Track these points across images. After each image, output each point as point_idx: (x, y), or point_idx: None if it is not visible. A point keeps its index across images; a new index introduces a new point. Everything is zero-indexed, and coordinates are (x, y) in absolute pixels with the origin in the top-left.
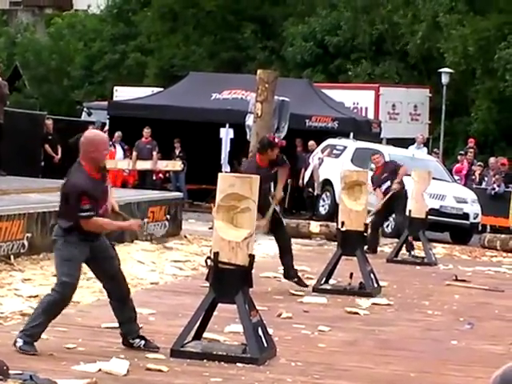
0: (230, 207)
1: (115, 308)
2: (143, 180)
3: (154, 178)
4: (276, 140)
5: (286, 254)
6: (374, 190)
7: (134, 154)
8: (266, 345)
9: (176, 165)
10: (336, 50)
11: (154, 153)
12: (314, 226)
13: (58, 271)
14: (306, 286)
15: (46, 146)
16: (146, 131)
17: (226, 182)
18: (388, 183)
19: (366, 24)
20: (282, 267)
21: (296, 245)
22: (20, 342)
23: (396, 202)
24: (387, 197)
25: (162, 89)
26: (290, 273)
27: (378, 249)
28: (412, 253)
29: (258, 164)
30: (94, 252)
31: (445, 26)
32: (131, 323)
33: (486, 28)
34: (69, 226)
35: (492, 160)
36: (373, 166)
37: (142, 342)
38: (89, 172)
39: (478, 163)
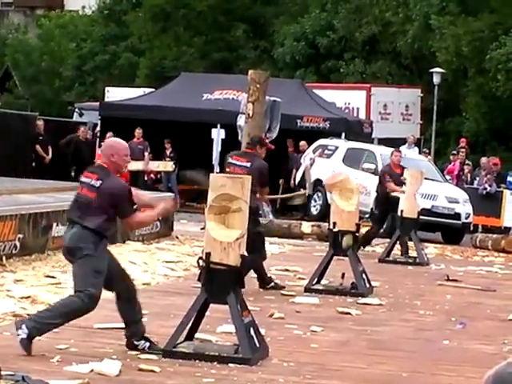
0: (222, 208)
1: (123, 309)
2: (135, 180)
3: (146, 178)
4: (266, 140)
5: (258, 261)
6: (387, 181)
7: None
8: (258, 345)
9: (167, 165)
10: (328, 51)
11: (146, 153)
12: (306, 227)
13: (87, 281)
14: (283, 287)
15: (37, 147)
16: (138, 132)
17: (218, 182)
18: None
19: (359, 23)
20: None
21: (288, 245)
22: (24, 334)
23: (392, 203)
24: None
25: (153, 89)
26: (266, 280)
27: (369, 248)
28: (407, 254)
29: None
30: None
31: (437, 28)
32: (138, 324)
33: (479, 28)
34: (104, 230)
35: (484, 160)
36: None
37: (147, 344)
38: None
39: (467, 162)
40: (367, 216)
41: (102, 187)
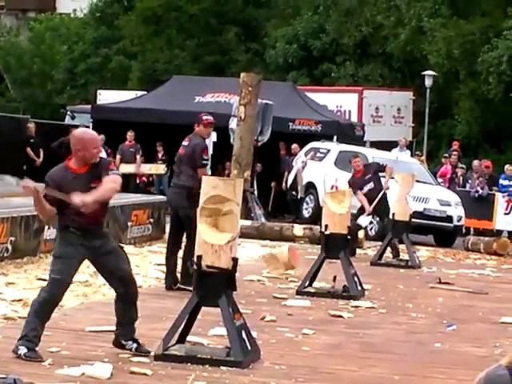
0: (214, 210)
1: (119, 308)
2: (126, 183)
3: (138, 181)
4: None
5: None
6: (355, 193)
7: (118, 157)
8: (249, 348)
9: (159, 168)
10: (320, 53)
11: (138, 156)
12: (298, 229)
13: (50, 269)
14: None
15: (28, 150)
16: (130, 134)
17: (210, 183)
18: (371, 184)
19: (350, 26)
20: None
21: (280, 248)
22: (23, 350)
23: (381, 204)
24: (379, 197)
25: (145, 92)
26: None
27: (361, 251)
28: (398, 258)
29: None
30: (93, 252)
31: (429, 30)
32: (130, 326)
33: (471, 31)
34: (62, 222)
35: (476, 163)
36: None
37: (134, 345)
38: (67, 165)
39: (460, 166)
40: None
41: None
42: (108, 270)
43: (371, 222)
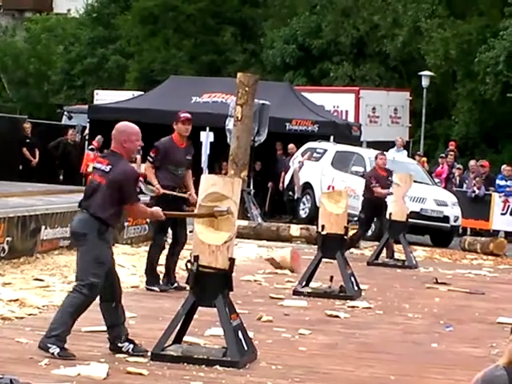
0: (211, 209)
1: (106, 310)
2: None
3: None
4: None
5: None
6: (373, 186)
7: None
8: (246, 348)
9: None
10: (318, 53)
11: (138, 156)
12: (295, 230)
13: (87, 271)
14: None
15: (24, 150)
16: None
17: (209, 181)
18: (391, 189)
19: (347, 26)
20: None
21: (276, 248)
22: (56, 349)
23: (381, 206)
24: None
25: (142, 92)
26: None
27: (358, 251)
28: (393, 258)
29: None
30: None
31: (425, 30)
32: (120, 327)
33: (468, 31)
34: (110, 217)
35: (472, 163)
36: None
37: (131, 345)
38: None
39: (458, 166)
40: (356, 219)
41: (112, 172)
42: None
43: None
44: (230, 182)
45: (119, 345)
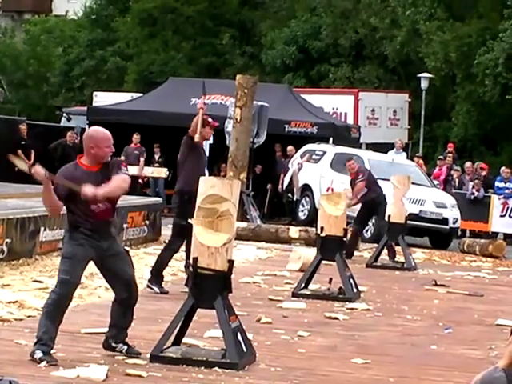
0: (210, 210)
1: (115, 311)
2: (133, 186)
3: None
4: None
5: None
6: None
7: (122, 158)
8: (245, 350)
9: (162, 172)
10: (317, 55)
11: (142, 159)
12: (294, 231)
13: (59, 269)
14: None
15: (19, 152)
16: (136, 137)
17: (207, 183)
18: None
19: (346, 28)
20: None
21: (275, 250)
22: (39, 354)
23: (377, 207)
24: (358, 200)
25: (141, 94)
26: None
27: (357, 253)
28: (394, 259)
29: None
30: (100, 253)
31: (425, 33)
32: (122, 330)
33: (467, 34)
34: (69, 218)
35: (468, 164)
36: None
37: (125, 347)
38: (79, 162)
39: (456, 168)
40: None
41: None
42: (112, 273)
43: (367, 225)
44: (229, 184)
45: (113, 344)
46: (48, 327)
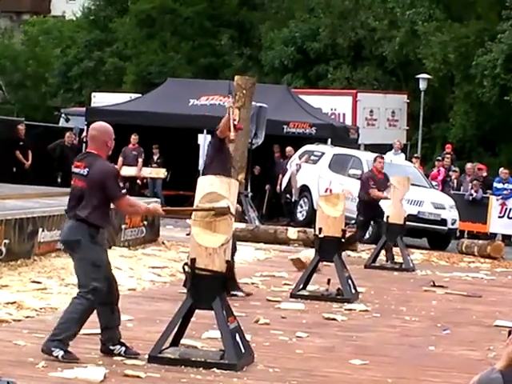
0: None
1: (101, 313)
2: (131, 187)
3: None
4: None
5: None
6: (369, 188)
7: (120, 159)
8: (243, 351)
9: (160, 172)
10: (316, 56)
11: (140, 159)
12: (292, 232)
13: (88, 276)
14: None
15: (17, 152)
16: (134, 138)
17: (206, 181)
18: (389, 190)
19: (344, 29)
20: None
21: (274, 251)
22: (60, 352)
23: (378, 209)
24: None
25: (140, 95)
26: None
27: (355, 254)
28: (393, 260)
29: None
30: None
31: (423, 34)
32: (114, 330)
33: (465, 35)
34: (97, 219)
35: (469, 165)
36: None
37: (123, 348)
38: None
39: (454, 169)
40: (353, 222)
41: (90, 173)
42: None
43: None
44: (227, 183)
45: (111, 347)
46: (73, 331)
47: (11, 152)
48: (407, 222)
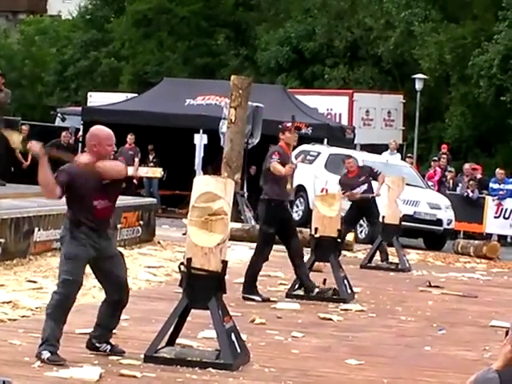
0: (204, 209)
1: (104, 311)
2: (128, 187)
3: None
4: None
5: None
6: (344, 193)
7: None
8: (239, 351)
9: (156, 172)
10: (311, 56)
11: (136, 159)
12: None
13: (60, 269)
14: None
15: (17, 152)
16: (130, 137)
17: (201, 181)
18: (365, 186)
19: (340, 29)
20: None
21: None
22: (46, 354)
23: (368, 208)
24: (362, 196)
25: (136, 95)
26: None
27: (351, 254)
28: (387, 261)
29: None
30: (99, 253)
31: (419, 34)
32: (108, 331)
33: (462, 35)
34: (74, 214)
35: (466, 166)
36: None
37: (108, 346)
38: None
39: (450, 169)
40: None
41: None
42: (106, 275)
43: (361, 225)
44: (223, 182)
45: (97, 344)
46: (53, 328)
47: (10, 152)
48: (403, 222)
